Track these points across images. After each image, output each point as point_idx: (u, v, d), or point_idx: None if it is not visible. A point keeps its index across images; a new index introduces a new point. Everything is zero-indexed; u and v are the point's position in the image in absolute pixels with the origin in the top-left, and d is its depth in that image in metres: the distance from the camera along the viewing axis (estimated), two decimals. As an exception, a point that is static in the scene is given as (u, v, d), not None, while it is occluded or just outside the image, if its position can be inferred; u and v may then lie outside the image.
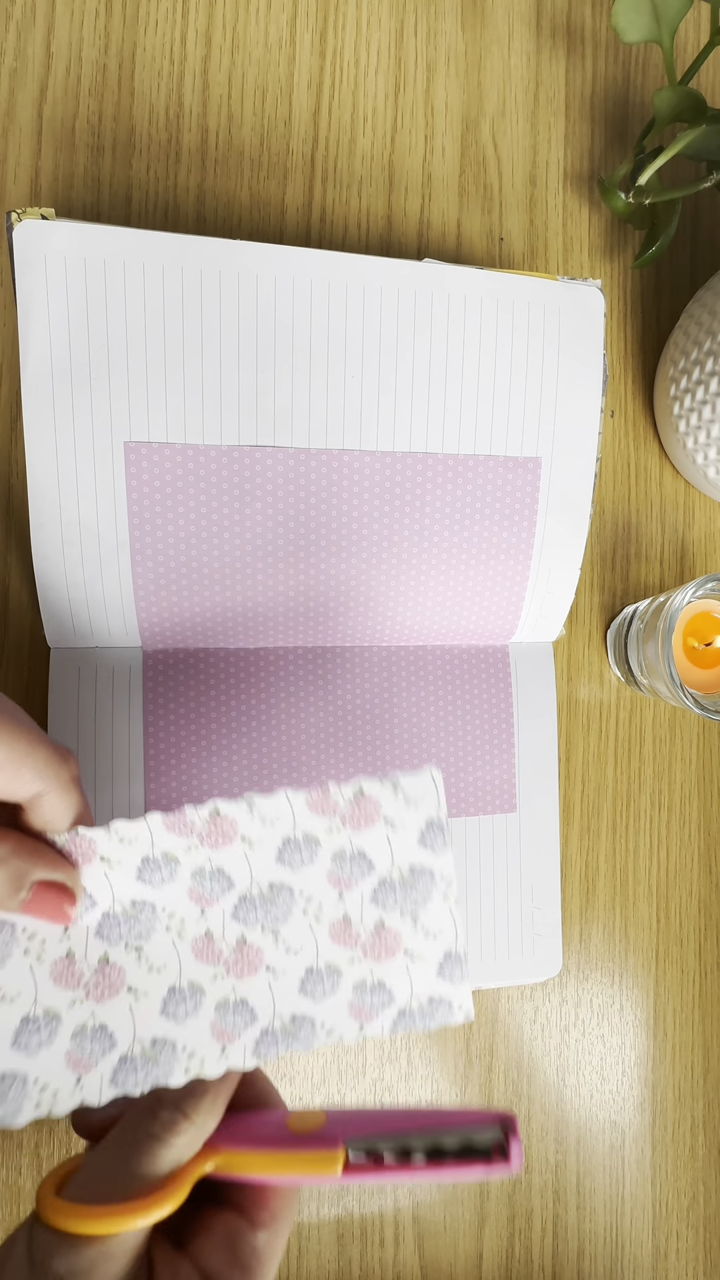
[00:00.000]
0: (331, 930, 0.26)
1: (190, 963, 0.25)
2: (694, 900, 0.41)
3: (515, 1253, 0.38)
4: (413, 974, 0.26)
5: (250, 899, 0.26)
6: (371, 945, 0.26)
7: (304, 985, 0.25)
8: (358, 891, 0.26)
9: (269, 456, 0.33)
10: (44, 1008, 0.25)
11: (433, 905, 0.26)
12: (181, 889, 0.26)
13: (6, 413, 0.35)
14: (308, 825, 0.26)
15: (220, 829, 0.25)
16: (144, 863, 0.25)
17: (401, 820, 0.26)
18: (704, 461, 0.38)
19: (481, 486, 0.35)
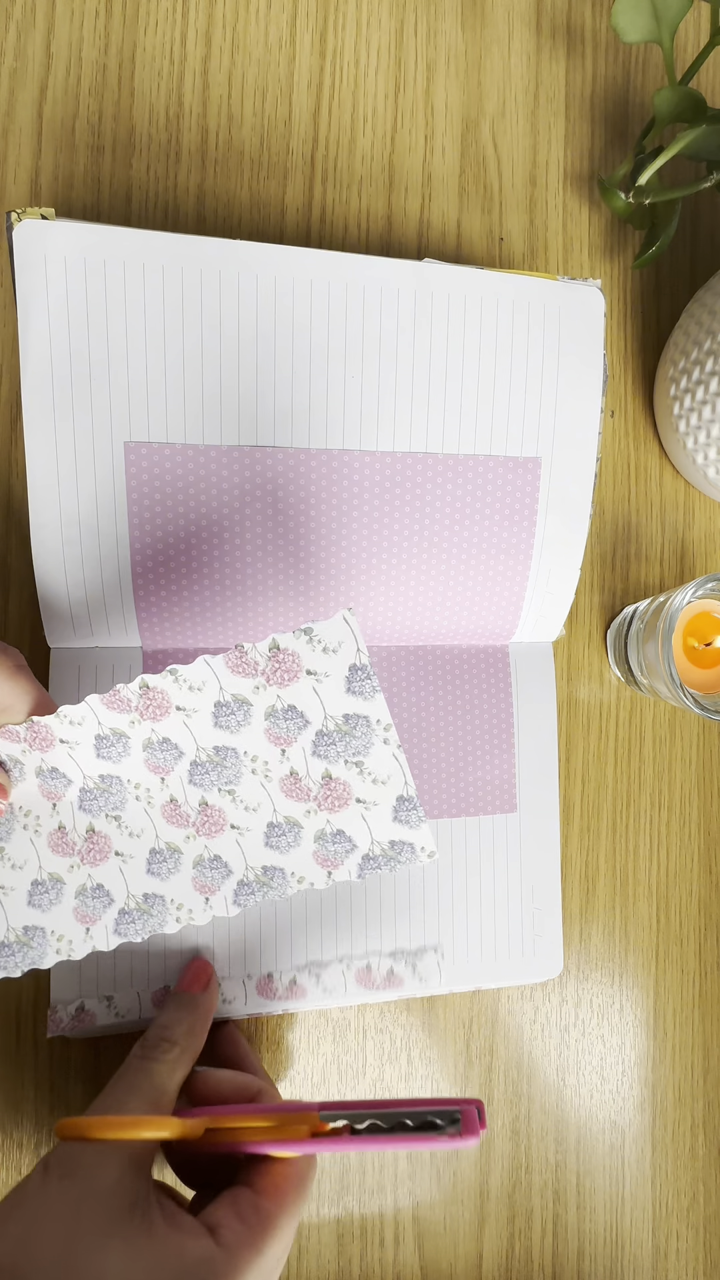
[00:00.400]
0: (282, 786, 0.27)
1: (164, 826, 0.28)
2: (694, 900, 0.41)
3: (515, 1253, 0.38)
4: (369, 820, 0.27)
5: (200, 764, 0.28)
6: (323, 796, 0.27)
7: (268, 839, 0.28)
8: (298, 746, 0.27)
9: (269, 456, 0.33)
10: (48, 872, 0.28)
11: (375, 751, 0.27)
12: (138, 761, 0.28)
13: (6, 413, 0.35)
14: (234, 687, 0.27)
15: (154, 701, 0.27)
16: (98, 740, 0.28)
17: (324, 669, 0.26)
18: (704, 461, 0.38)
19: (482, 486, 0.35)
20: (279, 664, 0.26)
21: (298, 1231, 0.36)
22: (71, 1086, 0.35)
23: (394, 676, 0.36)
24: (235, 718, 0.27)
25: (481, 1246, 0.38)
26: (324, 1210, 0.37)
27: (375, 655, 0.36)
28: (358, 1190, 0.37)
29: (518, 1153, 0.39)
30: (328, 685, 0.26)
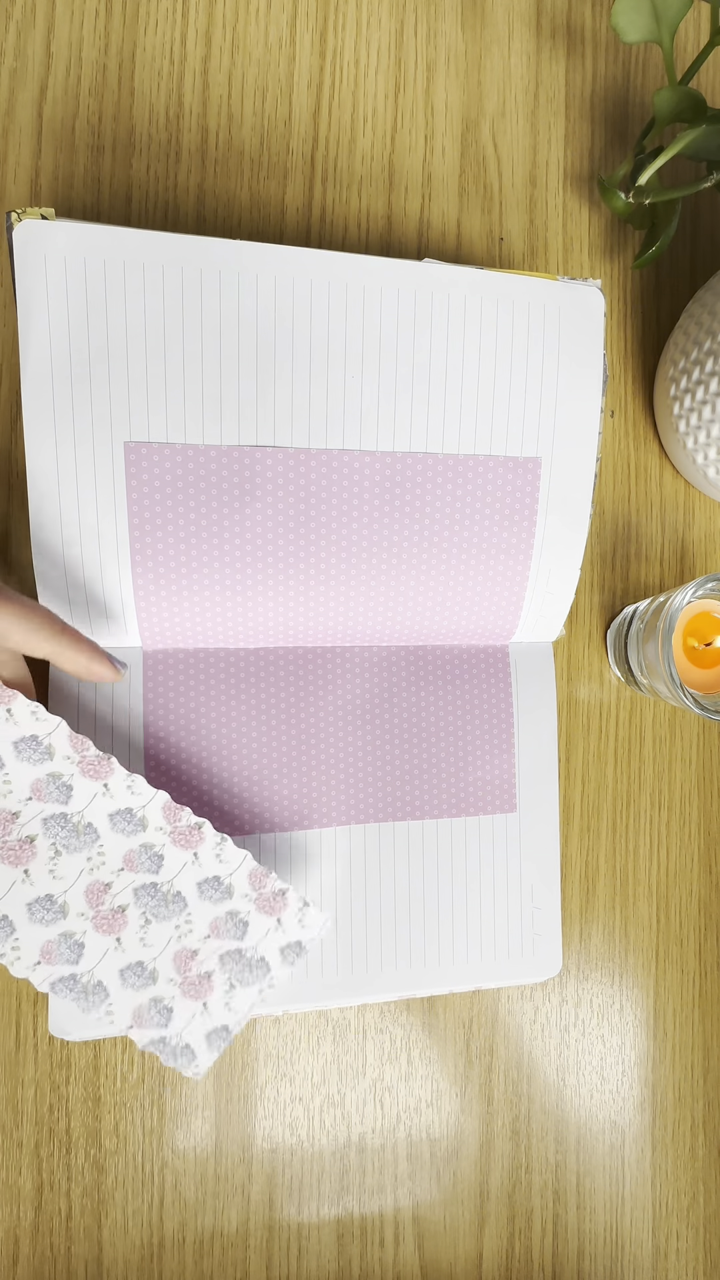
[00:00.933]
0: (179, 952, 0.31)
1: (76, 893, 0.30)
2: (694, 900, 0.41)
3: (515, 1253, 0.38)
4: (194, 1021, 0.30)
5: (159, 890, 0.31)
6: (193, 983, 0.31)
7: (126, 969, 0.30)
8: (220, 943, 0.31)
9: (269, 456, 0.33)
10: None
11: (249, 991, 0.31)
12: (126, 845, 0.30)
13: (6, 413, 0.35)
14: (239, 882, 0.31)
15: (186, 837, 0.31)
16: (118, 814, 0.30)
17: (288, 927, 0.31)
18: (704, 461, 0.38)
19: (481, 486, 0.35)
20: (273, 900, 0.31)
21: (297, 1231, 0.36)
22: (72, 1087, 0.35)
23: (394, 676, 0.36)
24: (215, 894, 0.31)
25: (481, 1246, 0.38)
26: (324, 1210, 0.37)
27: (375, 655, 0.36)
28: (358, 1190, 0.37)
29: (518, 1153, 0.39)
30: (277, 937, 0.31)
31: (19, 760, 0.30)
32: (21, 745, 0.30)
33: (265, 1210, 0.36)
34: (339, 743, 0.35)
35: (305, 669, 0.36)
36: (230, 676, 0.35)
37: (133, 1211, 0.35)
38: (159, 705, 0.34)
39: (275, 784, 0.35)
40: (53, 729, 0.30)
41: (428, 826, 0.36)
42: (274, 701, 0.35)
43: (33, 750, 0.30)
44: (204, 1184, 0.36)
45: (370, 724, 0.36)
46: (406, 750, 0.36)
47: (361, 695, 0.36)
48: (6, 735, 0.30)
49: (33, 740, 0.30)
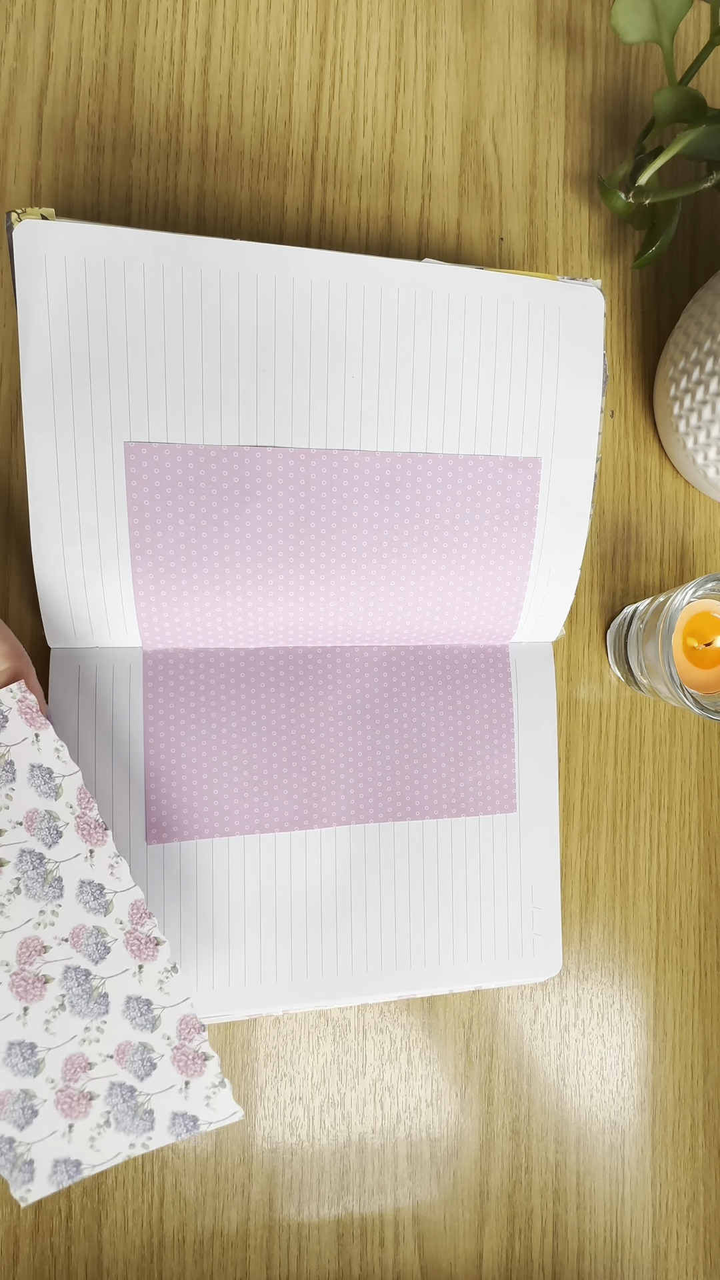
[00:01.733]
0: (75, 1057, 0.29)
1: (11, 940, 0.28)
2: (694, 900, 0.41)
3: (515, 1253, 0.38)
4: (51, 1140, 0.28)
5: (89, 982, 0.29)
6: (71, 1098, 0.28)
7: (16, 1044, 0.28)
8: (119, 1072, 0.29)
9: (269, 457, 0.33)
10: None
11: (120, 1139, 0.29)
12: (81, 920, 0.29)
13: (6, 413, 0.35)
14: (167, 1021, 0.29)
15: (141, 945, 0.29)
16: (89, 886, 0.29)
17: (192, 1096, 0.29)
18: (704, 461, 0.38)
19: (481, 486, 0.35)
20: (191, 1060, 0.30)
21: (298, 1231, 0.36)
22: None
23: (394, 676, 0.36)
24: (142, 1020, 0.29)
25: (481, 1246, 0.38)
26: (324, 1210, 0.37)
27: (375, 655, 0.37)
28: (358, 1190, 0.37)
29: (518, 1153, 0.39)
30: (175, 1101, 0.29)
31: (29, 784, 0.29)
32: (36, 772, 0.29)
33: (265, 1210, 0.36)
34: (339, 743, 0.35)
35: (305, 669, 0.36)
36: (230, 676, 0.35)
37: (133, 1211, 0.35)
38: (159, 705, 0.34)
39: (275, 784, 0.35)
40: (68, 774, 0.29)
41: (428, 826, 0.36)
42: (274, 701, 0.35)
43: (44, 782, 0.29)
44: (204, 1184, 0.36)
45: (370, 724, 0.36)
46: (406, 750, 0.36)
47: (361, 695, 0.36)
48: (27, 757, 0.29)
49: (47, 773, 0.29)
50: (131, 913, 0.29)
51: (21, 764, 0.29)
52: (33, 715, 0.29)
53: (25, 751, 0.29)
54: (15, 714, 0.29)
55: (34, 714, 0.29)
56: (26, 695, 0.29)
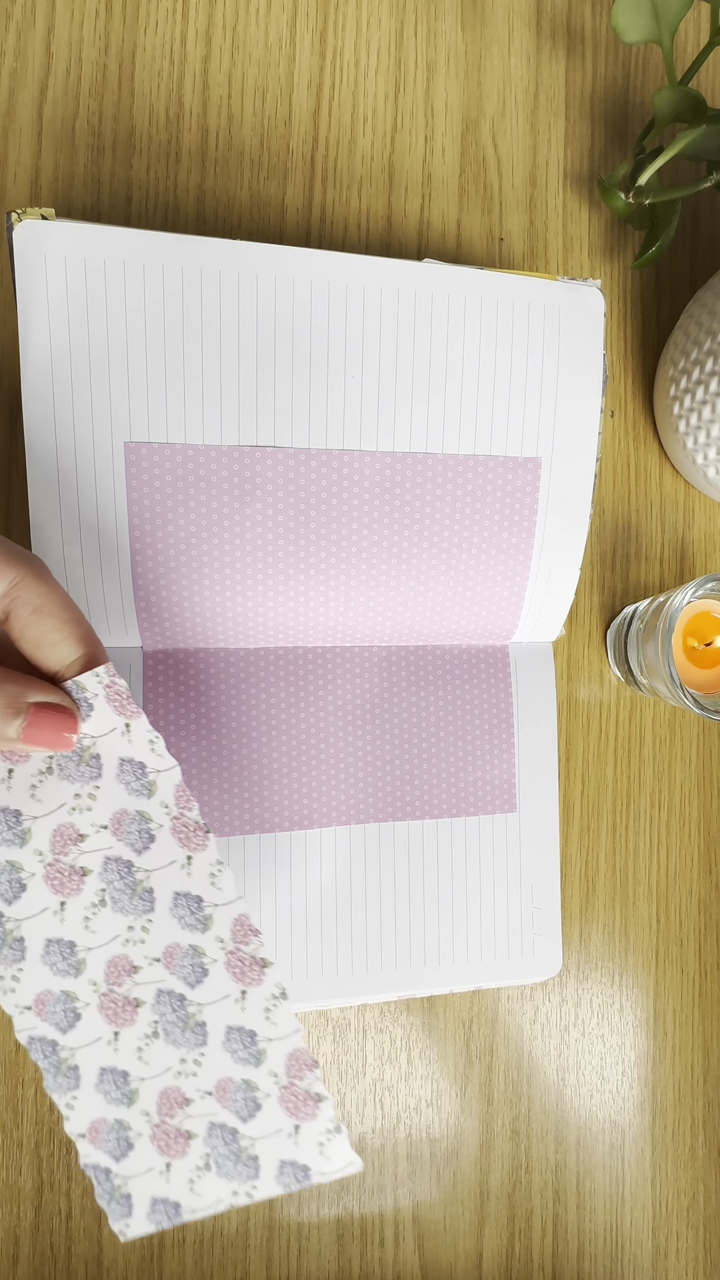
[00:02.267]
0: (170, 1090, 0.26)
1: (100, 957, 0.26)
2: (694, 900, 0.41)
3: (515, 1253, 0.38)
4: (147, 1178, 0.26)
5: (185, 1008, 0.26)
6: (168, 1135, 0.26)
7: (108, 1071, 0.26)
8: (219, 1111, 0.26)
9: (269, 457, 0.33)
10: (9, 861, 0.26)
11: (222, 1186, 0.26)
12: (175, 938, 0.26)
13: (6, 413, 0.35)
14: (274, 1056, 0.26)
15: (245, 968, 0.26)
16: (186, 898, 0.26)
17: (303, 1143, 0.26)
18: (704, 461, 0.38)
19: (481, 486, 0.35)
20: (302, 1100, 0.26)
21: (298, 1231, 0.36)
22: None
23: (394, 676, 0.36)
24: (246, 1052, 0.26)
25: (481, 1246, 0.38)
26: (324, 1210, 0.37)
27: (375, 655, 0.36)
28: (358, 1190, 0.37)
29: (518, 1153, 0.39)
30: (283, 1149, 0.26)
31: (117, 781, 0.26)
32: (125, 766, 0.26)
33: (265, 1210, 0.36)
34: (339, 743, 0.35)
35: (305, 669, 0.36)
36: (230, 676, 0.35)
37: (133, 1211, 0.35)
38: (159, 705, 0.34)
39: (275, 784, 0.35)
40: (165, 769, 0.26)
41: (428, 826, 0.36)
42: (274, 702, 0.35)
43: (134, 777, 0.26)
44: (204, 1184, 0.36)
45: (370, 724, 0.36)
46: (406, 750, 0.36)
47: (361, 695, 0.36)
48: (116, 749, 0.26)
49: (139, 767, 0.26)
50: (234, 930, 0.26)
51: (109, 758, 0.26)
52: (123, 703, 0.25)
53: (113, 744, 0.26)
54: (102, 701, 0.25)
55: (124, 701, 0.25)
56: (116, 680, 0.25)
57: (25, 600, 0.24)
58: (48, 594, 0.24)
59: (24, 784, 0.25)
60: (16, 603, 0.24)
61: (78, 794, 0.26)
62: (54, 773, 0.26)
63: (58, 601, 0.24)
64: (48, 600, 0.24)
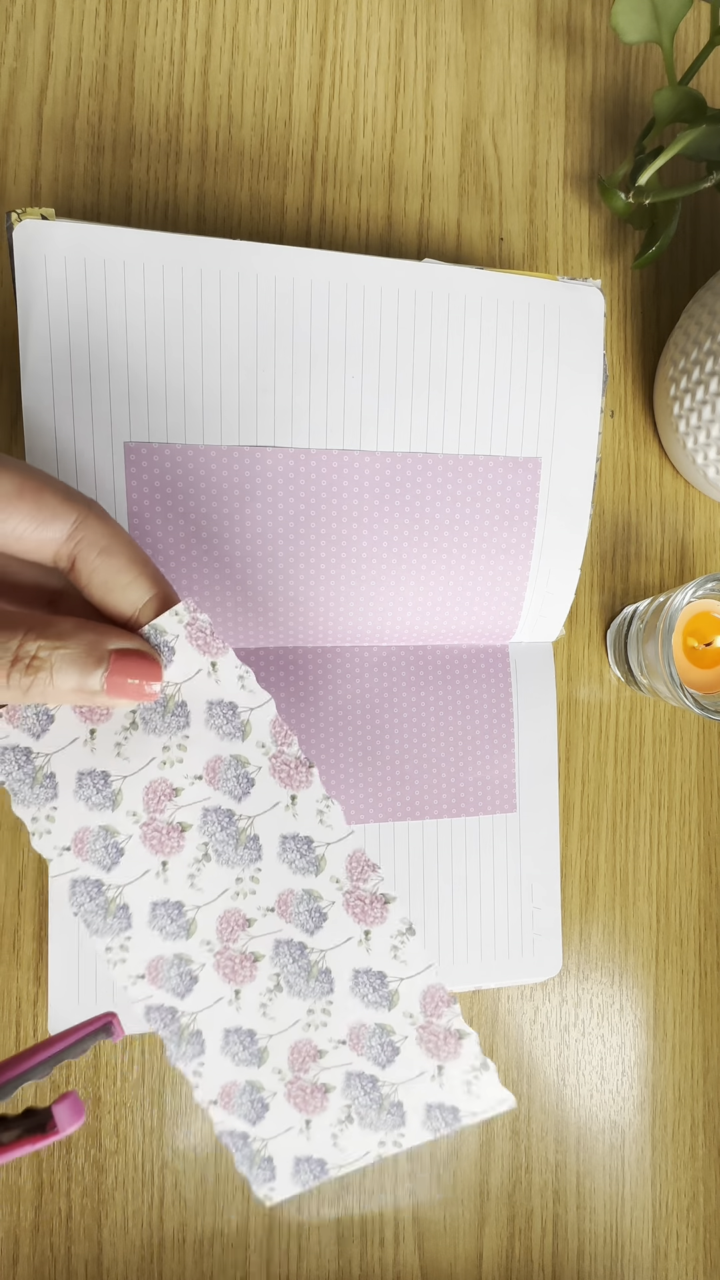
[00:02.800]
0: (301, 1043, 0.25)
1: (210, 915, 0.24)
2: (694, 900, 0.41)
3: (515, 1253, 0.38)
4: (287, 1136, 0.25)
5: (306, 955, 0.24)
6: (304, 1090, 0.25)
7: (234, 1032, 0.25)
8: (354, 1059, 0.25)
9: (269, 457, 0.33)
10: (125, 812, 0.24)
11: (368, 1136, 0.25)
12: (289, 884, 0.24)
13: (6, 413, 0.35)
14: (408, 995, 0.25)
15: (367, 905, 0.25)
16: (295, 840, 0.25)
17: (449, 1084, 0.25)
18: (704, 461, 0.38)
19: (481, 486, 0.35)
20: (441, 1039, 0.25)
21: (298, 1231, 0.36)
22: (71, 1086, 0.35)
23: (394, 676, 0.36)
24: (379, 1043, 0.25)
25: (481, 1246, 0.38)
26: (324, 1210, 0.37)
27: (375, 655, 0.36)
28: (358, 1190, 0.37)
29: (518, 1153, 0.39)
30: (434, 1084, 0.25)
31: (207, 727, 0.24)
32: (215, 709, 0.24)
33: (265, 1210, 0.36)
34: (339, 743, 0.35)
35: (305, 669, 0.36)
36: (230, 676, 0.35)
37: (133, 1211, 0.35)
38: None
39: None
40: (258, 704, 0.24)
41: (428, 826, 0.36)
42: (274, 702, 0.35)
43: (226, 720, 0.24)
44: (204, 1184, 0.36)
45: (370, 724, 0.36)
46: (406, 750, 0.36)
47: (361, 695, 0.36)
48: (203, 693, 0.24)
49: (230, 709, 0.24)
50: (350, 867, 0.24)
51: (196, 703, 0.24)
52: (207, 640, 0.24)
53: (200, 687, 0.24)
54: (184, 642, 0.24)
55: (208, 638, 0.24)
56: (197, 616, 0.24)
57: (91, 541, 0.23)
58: (113, 533, 0.23)
59: (108, 743, 0.24)
60: (83, 544, 0.22)
61: (166, 746, 0.24)
62: (139, 727, 0.24)
63: (123, 540, 0.23)
64: (114, 540, 0.23)
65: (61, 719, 0.24)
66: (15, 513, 0.22)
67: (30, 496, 0.22)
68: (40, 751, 0.24)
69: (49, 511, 0.22)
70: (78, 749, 0.24)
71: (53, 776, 0.24)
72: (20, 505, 0.22)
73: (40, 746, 0.24)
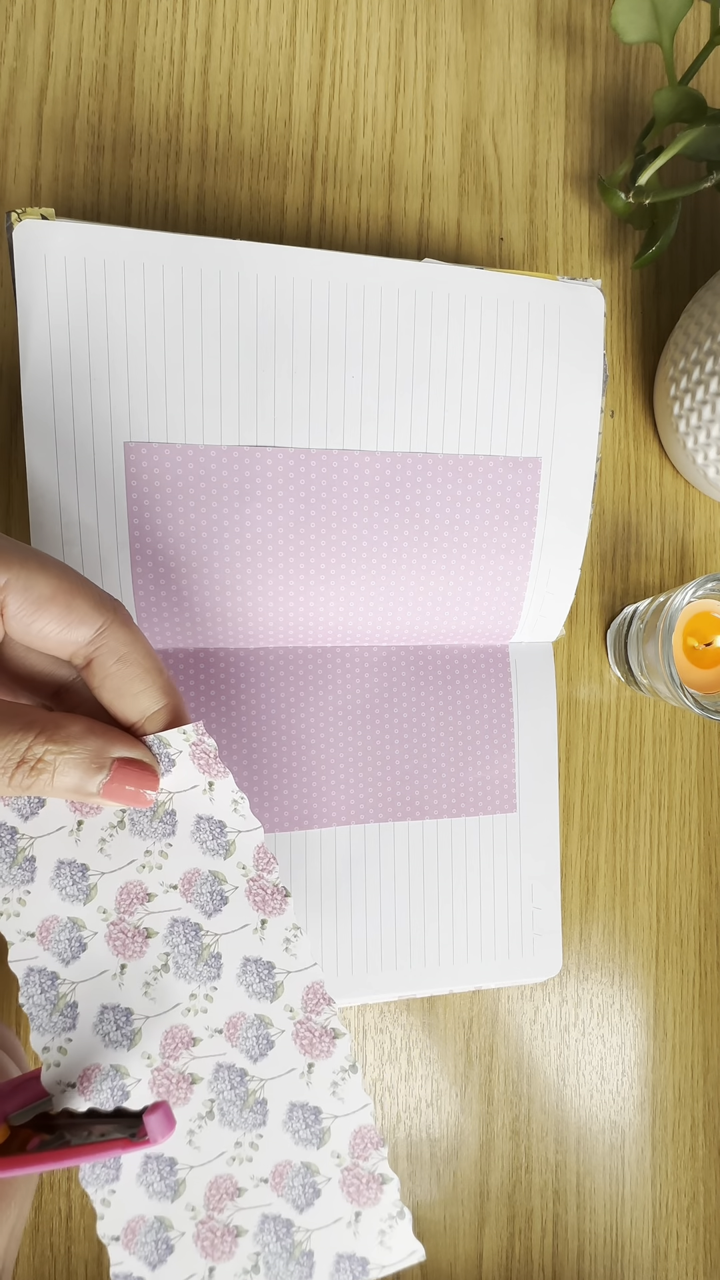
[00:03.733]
0: (222, 1178, 0.23)
1: (157, 1028, 0.24)
2: (694, 900, 0.41)
3: (515, 1253, 0.38)
4: None
5: (245, 1084, 0.24)
6: (214, 1233, 0.23)
7: (147, 1164, 0.23)
8: (274, 1201, 0.23)
9: (269, 456, 0.33)
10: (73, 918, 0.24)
11: None
12: (241, 1008, 0.24)
13: (6, 413, 0.35)
14: (339, 1135, 0.24)
15: (315, 1039, 0.24)
16: (256, 964, 0.25)
17: (363, 1231, 0.24)
18: (704, 461, 0.38)
19: (481, 486, 0.35)
20: (363, 1184, 0.24)
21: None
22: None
23: (394, 676, 0.36)
24: (306, 1131, 0.24)
25: (481, 1246, 0.38)
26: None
27: (375, 655, 0.36)
28: (358, 1190, 0.37)
29: (518, 1153, 0.39)
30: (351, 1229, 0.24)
31: (192, 839, 0.25)
32: (203, 824, 0.25)
33: (265, 1210, 0.36)
34: (339, 743, 0.35)
35: (305, 669, 0.36)
36: (230, 677, 0.35)
37: (133, 1211, 0.35)
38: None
39: (275, 784, 0.35)
40: (247, 829, 0.25)
41: (428, 826, 0.36)
42: (274, 701, 0.35)
43: (211, 836, 0.25)
44: (204, 1184, 0.36)
45: (370, 724, 0.36)
46: (406, 750, 0.36)
47: (361, 695, 0.36)
48: (194, 807, 0.25)
49: (218, 826, 0.25)
50: (306, 998, 0.24)
51: (185, 815, 0.25)
52: (209, 762, 0.25)
53: (192, 800, 0.25)
54: (185, 758, 0.25)
55: (210, 760, 0.25)
56: (204, 739, 0.25)
57: (111, 648, 0.23)
58: (133, 641, 0.24)
59: (93, 838, 0.24)
60: (102, 650, 0.23)
61: (148, 850, 0.25)
62: (125, 827, 0.25)
63: (141, 649, 0.24)
64: (132, 648, 0.24)
65: (52, 805, 0.24)
66: (44, 614, 0.22)
67: (63, 600, 0.22)
68: (25, 833, 0.24)
69: (77, 616, 0.23)
70: (62, 837, 0.24)
71: (33, 860, 0.24)
72: (52, 609, 0.22)
73: (26, 829, 0.24)
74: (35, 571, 0.22)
